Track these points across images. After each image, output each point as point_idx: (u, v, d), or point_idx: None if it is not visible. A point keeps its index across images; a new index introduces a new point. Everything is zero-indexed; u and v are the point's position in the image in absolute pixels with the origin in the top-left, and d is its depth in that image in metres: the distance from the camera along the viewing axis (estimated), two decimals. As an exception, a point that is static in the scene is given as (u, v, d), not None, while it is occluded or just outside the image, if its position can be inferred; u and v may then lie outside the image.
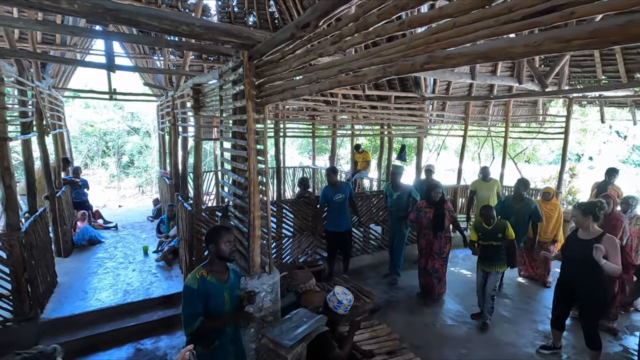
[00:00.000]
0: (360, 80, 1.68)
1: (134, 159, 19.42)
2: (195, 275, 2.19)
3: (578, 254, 3.34)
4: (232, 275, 2.37)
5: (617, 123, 11.98)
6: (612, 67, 6.56)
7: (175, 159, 6.70)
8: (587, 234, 3.35)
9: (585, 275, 3.32)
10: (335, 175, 5.25)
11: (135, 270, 5.44)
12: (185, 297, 2.16)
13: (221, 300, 2.26)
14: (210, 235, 2.28)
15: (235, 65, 2.84)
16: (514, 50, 1.02)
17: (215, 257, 2.26)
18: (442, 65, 1.24)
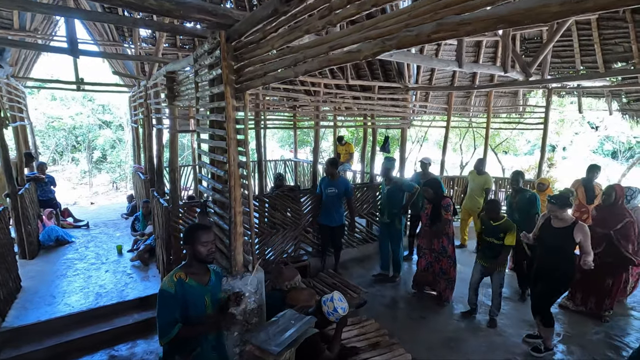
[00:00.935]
0: (354, 57, 1.50)
1: (106, 154, 18.55)
2: (172, 278, 2.00)
3: (552, 241, 3.53)
4: (214, 277, 2.19)
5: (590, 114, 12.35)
6: (591, 58, 6.65)
7: (149, 152, 6.34)
8: (561, 223, 3.49)
9: (555, 260, 3.51)
10: (332, 168, 5.08)
11: (109, 271, 5.12)
12: (160, 302, 1.98)
13: (202, 304, 2.07)
14: (186, 235, 2.12)
15: (212, 47, 2.59)
16: (547, 10, 0.86)
17: (193, 258, 2.09)
18: (454, 33, 1.08)
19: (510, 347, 3.84)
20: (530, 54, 7.05)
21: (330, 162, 5.19)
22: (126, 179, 17.70)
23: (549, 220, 3.61)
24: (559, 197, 3.48)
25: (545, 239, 3.61)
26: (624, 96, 6.91)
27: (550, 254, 3.55)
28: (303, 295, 3.57)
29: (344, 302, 2.61)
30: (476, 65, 4.78)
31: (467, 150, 14.30)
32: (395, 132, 12.51)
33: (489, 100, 7.88)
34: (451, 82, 7.77)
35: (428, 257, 4.77)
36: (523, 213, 4.85)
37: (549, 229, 3.58)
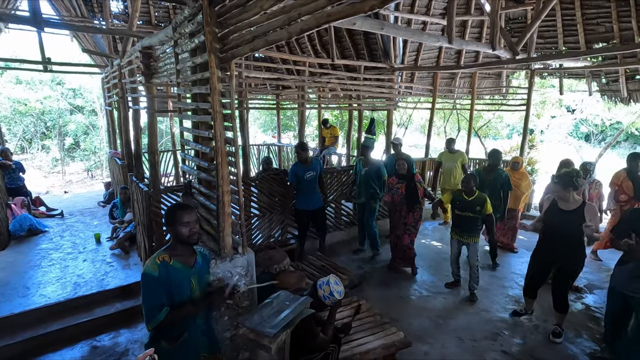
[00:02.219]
0: (359, 9, 1.36)
1: (79, 141, 17.68)
2: (155, 261, 1.89)
3: (560, 225, 3.34)
4: (200, 259, 2.07)
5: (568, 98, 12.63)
6: (573, 38, 6.71)
7: (126, 136, 6.02)
8: (568, 205, 3.32)
9: (566, 245, 3.35)
10: (304, 152, 4.87)
11: (87, 261, 4.88)
12: (144, 286, 1.87)
13: (188, 287, 1.96)
14: (166, 216, 2.01)
15: (193, 12, 2.38)
16: None
17: (175, 240, 1.99)
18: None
19: (497, 323, 3.92)
20: (515, 35, 7.05)
21: (301, 146, 4.95)
22: (102, 167, 17.00)
23: (555, 203, 3.43)
24: (562, 177, 3.30)
25: (554, 222, 3.41)
26: (603, 77, 7.04)
27: (560, 238, 3.37)
28: (293, 278, 3.50)
29: (340, 286, 2.54)
30: (465, 42, 4.71)
31: (451, 133, 14.43)
32: (380, 115, 12.43)
33: (474, 82, 7.89)
34: (437, 62, 7.71)
35: (400, 230, 4.87)
36: (496, 191, 5.04)
37: (556, 212, 3.39)
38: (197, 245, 2.11)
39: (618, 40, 6.16)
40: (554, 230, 3.43)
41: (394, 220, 4.95)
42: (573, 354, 3.45)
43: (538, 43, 7.07)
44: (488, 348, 3.54)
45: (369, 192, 5.26)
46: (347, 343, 2.95)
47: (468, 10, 6.95)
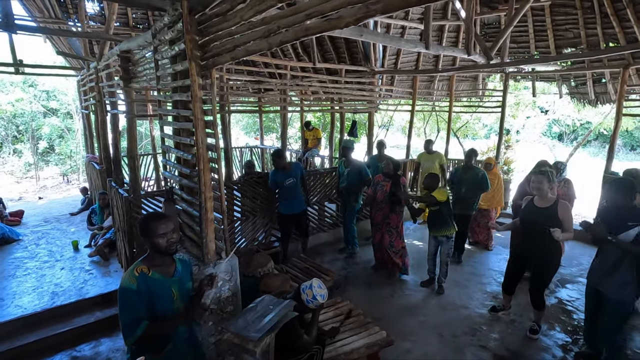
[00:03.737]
0: (334, 25, 1.42)
1: (53, 145, 17.07)
2: (132, 273, 1.83)
3: (536, 222, 3.43)
4: (180, 267, 2.03)
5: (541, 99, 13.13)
6: (544, 43, 7.01)
7: (104, 140, 5.89)
8: (544, 202, 3.43)
9: (541, 241, 3.41)
10: (282, 160, 4.84)
11: (65, 269, 4.76)
12: (122, 300, 1.81)
13: (169, 297, 1.92)
14: (141, 228, 1.93)
15: (172, 19, 2.39)
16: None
17: (153, 251, 1.93)
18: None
19: (475, 318, 4.06)
20: (489, 39, 7.30)
21: (277, 154, 4.91)
22: (78, 171, 16.48)
23: (532, 201, 3.56)
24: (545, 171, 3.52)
25: (529, 219, 3.51)
26: (572, 80, 7.38)
27: (535, 235, 3.43)
28: (277, 281, 3.52)
29: (324, 289, 2.58)
30: (441, 48, 4.87)
31: (431, 134, 14.74)
32: (362, 117, 12.58)
33: (452, 84, 8.10)
34: (416, 66, 7.89)
35: (382, 229, 4.92)
36: (472, 188, 5.19)
37: (532, 210, 3.50)
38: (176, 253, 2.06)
39: (585, 46, 6.48)
40: (530, 227, 3.50)
41: (376, 219, 4.98)
42: (547, 346, 3.62)
43: (512, 47, 7.35)
44: (467, 343, 3.67)
45: (350, 192, 5.36)
46: (332, 344, 3.00)
47: (445, 15, 7.16)
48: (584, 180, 10.36)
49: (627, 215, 2.75)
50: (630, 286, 2.84)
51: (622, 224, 2.75)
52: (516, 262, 3.83)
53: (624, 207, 2.77)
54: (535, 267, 3.60)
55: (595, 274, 3.05)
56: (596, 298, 3.09)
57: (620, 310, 2.93)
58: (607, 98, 6.98)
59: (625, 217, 2.76)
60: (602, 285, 2.98)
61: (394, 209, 4.82)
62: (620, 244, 2.72)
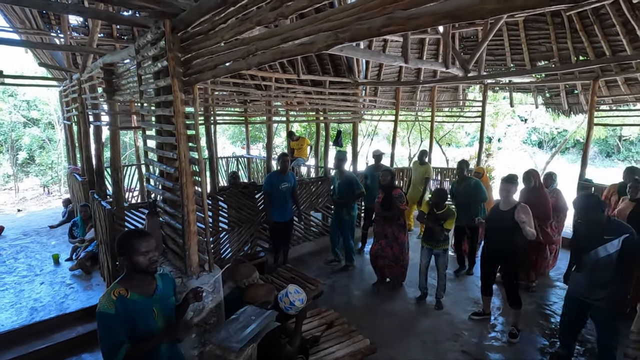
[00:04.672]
0: (307, 50, 1.51)
1: (34, 155, 16.69)
2: (110, 297, 1.74)
3: (499, 223, 3.76)
4: (161, 284, 1.94)
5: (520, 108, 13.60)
6: (519, 57, 7.32)
7: (87, 152, 5.83)
8: (506, 206, 3.75)
9: (504, 241, 3.72)
10: (287, 162, 4.99)
11: (45, 283, 4.66)
12: (101, 326, 1.73)
13: (151, 317, 1.85)
14: (120, 246, 1.82)
15: (155, 37, 2.44)
16: (485, 7, 0.95)
17: (131, 270, 1.83)
18: (403, 27, 1.14)
19: (458, 324, 4.15)
20: (467, 52, 7.57)
21: (285, 155, 5.14)
22: (60, 182, 16.12)
23: (497, 206, 3.88)
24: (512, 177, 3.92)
25: (494, 222, 3.85)
26: (547, 91, 7.70)
27: (499, 237, 3.76)
28: (261, 291, 3.55)
29: (301, 294, 2.61)
30: (420, 62, 5.05)
31: (414, 143, 15.03)
32: (347, 127, 12.76)
33: (433, 95, 8.34)
34: (398, 77, 8.09)
35: (381, 242, 4.90)
36: (468, 198, 5.21)
37: (497, 213, 3.82)
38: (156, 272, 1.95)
39: (557, 59, 6.79)
40: (494, 228, 3.87)
41: (375, 229, 5.01)
42: (525, 349, 3.74)
43: (489, 60, 7.64)
44: (449, 349, 3.75)
45: (342, 205, 5.36)
46: (315, 353, 3.04)
47: (424, 29, 7.39)
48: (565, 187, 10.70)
49: (601, 229, 2.86)
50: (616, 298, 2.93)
51: (598, 238, 2.86)
52: (485, 261, 4.05)
53: (596, 222, 2.87)
54: (504, 266, 3.87)
55: (577, 285, 3.13)
56: (578, 307, 3.16)
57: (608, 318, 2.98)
58: (579, 108, 7.30)
59: (599, 231, 2.86)
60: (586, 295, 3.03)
61: (387, 218, 4.78)
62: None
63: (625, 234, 2.78)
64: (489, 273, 4.05)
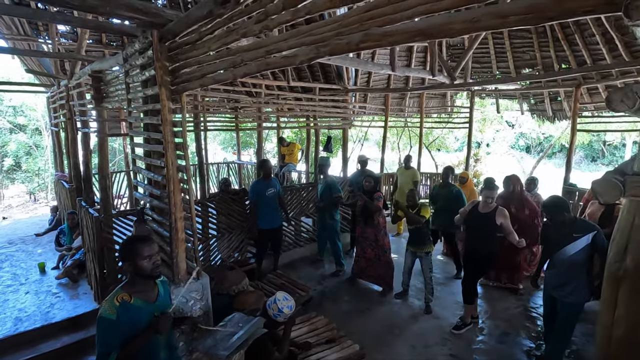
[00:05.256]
0: (290, 62, 1.56)
1: (20, 162, 16.39)
2: (113, 303, 1.76)
3: (478, 225, 3.94)
4: (162, 290, 1.97)
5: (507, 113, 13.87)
6: (505, 64, 7.49)
7: (74, 159, 5.78)
8: (486, 209, 3.91)
9: (483, 243, 3.92)
10: (268, 168, 4.97)
11: (30, 293, 4.57)
12: (100, 331, 1.74)
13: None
14: (124, 251, 1.87)
15: (143, 46, 2.46)
16: (453, 27, 1.01)
17: (135, 275, 1.86)
18: (379, 43, 1.19)
19: (446, 328, 4.20)
20: (455, 59, 7.72)
21: (264, 162, 5.08)
22: (47, 189, 15.86)
23: (476, 207, 4.00)
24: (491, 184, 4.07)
25: (473, 223, 4.01)
26: (531, 98, 7.89)
27: (477, 237, 3.95)
28: (251, 298, 3.55)
29: (290, 301, 2.62)
30: (408, 69, 5.15)
31: (404, 149, 15.18)
32: (337, 132, 12.84)
33: (422, 102, 8.47)
34: (387, 84, 8.21)
35: (363, 244, 5.02)
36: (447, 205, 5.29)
37: (476, 215, 3.97)
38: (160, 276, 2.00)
39: (541, 67, 6.98)
40: (472, 229, 4.04)
41: (357, 233, 5.15)
42: (512, 352, 3.79)
43: (475, 67, 7.81)
44: (438, 353, 3.79)
45: (324, 209, 5.46)
46: (305, 358, 3.05)
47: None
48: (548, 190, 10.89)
49: (570, 228, 3.06)
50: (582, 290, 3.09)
51: (568, 237, 3.05)
52: (467, 259, 4.20)
53: (564, 222, 3.07)
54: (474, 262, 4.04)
55: (550, 283, 3.32)
56: (551, 303, 3.36)
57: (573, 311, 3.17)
58: (563, 115, 7.50)
59: (568, 230, 3.06)
60: (557, 291, 3.21)
61: (366, 222, 4.90)
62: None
63: (592, 231, 2.98)
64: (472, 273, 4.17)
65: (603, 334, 1.09)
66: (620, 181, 0.93)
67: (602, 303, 1.10)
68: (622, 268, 0.98)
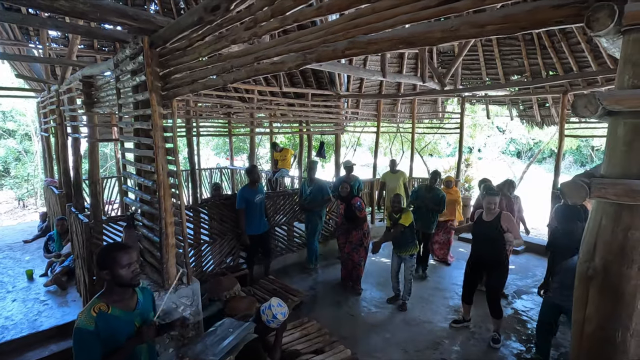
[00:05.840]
0: (279, 68, 1.58)
1: (9, 167, 16.16)
2: (90, 313, 1.71)
3: (484, 234, 3.86)
4: (141, 297, 1.94)
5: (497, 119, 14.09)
6: (494, 71, 7.63)
7: (64, 164, 5.72)
8: (490, 216, 3.85)
9: (490, 251, 3.83)
10: (255, 174, 4.99)
11: (17, 300, 4.49)
12: (77, 342, 1.69)
13: (132, 331, 1.83)
14: (101, 259, 1.79)
15: (134, 52, 2.47)
16: (433, 36, 1.05)
17: (114, 284, 1.80)
18: (364, 50, 1.23)
19: (438, 333, 4.22)
20: (445, 66, 7.85)
21: (251, 169, 5.11)
22: (36, 195, 15.63)
23: (480, 216, 3.97)
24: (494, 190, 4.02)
25: (480, 233, 3.92)
26: (520, 104, 8.03)
27: (485, 247, 3.85)
28: (243, 304, 3.55)
29: (284, 307, 2.63)
30: (399, 76, 5.22)
31: (396, 154, 15.30)
32: (330, 138, 12.91)
33: (413, 107, 8.57)
34: (379, 90, 8.30)
35: (346, 249, 5.12)
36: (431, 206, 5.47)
37: (482, 224, 3.89)
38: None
39: (529, 74, 7.12)
40: (479, 238, 3.95)
41: (339, 239, 5.25)
42: (502, 356, 3.82)
43: (466, 74, 7.94)
44: (430, 357, 3.80)
45: (314, 210, 5.57)
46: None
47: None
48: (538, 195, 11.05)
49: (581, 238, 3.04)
50: None
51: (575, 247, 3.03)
52: (470, 270, 4.14)
53: (575, 231, 3.05)
54: (489, 276, 3.94)
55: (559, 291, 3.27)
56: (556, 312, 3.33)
57: None
58: (551, 120, 7.64)
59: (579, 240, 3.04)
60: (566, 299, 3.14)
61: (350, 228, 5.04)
62: None
63: None
64: (473, 282, 4.15)
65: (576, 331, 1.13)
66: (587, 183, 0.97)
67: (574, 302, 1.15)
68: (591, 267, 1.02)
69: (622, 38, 0.93)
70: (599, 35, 0.92)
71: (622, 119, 0.99)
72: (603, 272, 1.00)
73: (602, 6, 0.86)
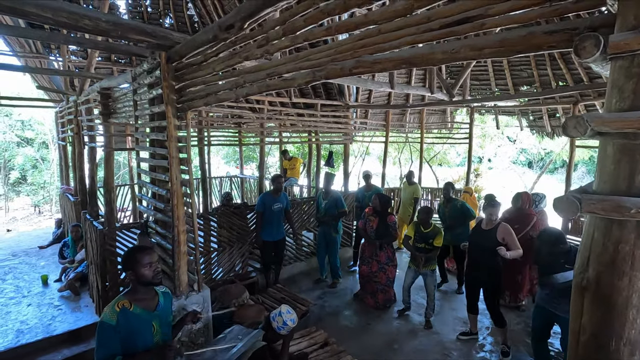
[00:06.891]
0: (289, 85, 1.66)
1: (26, 175, 16.62)
2: (113, 308, 1.83)
3: (482, 242, 3.88)
4: (162, 300, 2.03)
5: (507, 129, 13.99)
6: (503, 81, 7.63)
7: (80, 172, 5.90)
8: (488, 225, 3.89)
9: (485, 260, 3.85)
10: (280, 183, 5.08)
11: (32, 305, 4.60)
12: (99, 335, 1.79)
13: (149, 332, 1.92)
14: (126, 260, 1.96)
15: (151, 67, 2.59)
16: (434, 57, 1.11)
17: (137, 283, 1.93)
18: (370, 69, 1.29)
19: (446, 344, 4.18)
20: (454, 77, 7.88)
21: (277, 177, 5.23)
22: (51, 202, 16.01)
23: (479, 225, 4.00)
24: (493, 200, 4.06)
25: (476, 242, 3.95)
26: (530, 114, 8.00)
27: (482, 255, 3.86)
28: (251, 311, 3.58)
29: (293, 314, 2.66)
30: (407, 87, 5.28)
31: (405, 163, 15.28)
32: (339, 147, 13.00)
33: (422, 117, 8.60)
34: (388, 100, 8.36)
35: (373, 266, 4.93)
36: (454, 220, 5.34)
37: (479, 233, 3.94)
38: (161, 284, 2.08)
39: (539, 84, 7.11)
40: (475, 247, 3.97)
41: (365, 253, 5.02)
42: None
43: (474, 84, 7.96)
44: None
45: (329, 223, 5.49)
46: (303, 373, 3.05)
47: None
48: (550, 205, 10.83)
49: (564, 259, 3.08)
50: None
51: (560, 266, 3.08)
52: (470, 280, 4.14)
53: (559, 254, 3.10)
54: (485, 284, 3.95)
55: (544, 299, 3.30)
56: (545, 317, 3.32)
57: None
58: (561, 131, 7.57)
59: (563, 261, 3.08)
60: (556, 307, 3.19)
61: (382, 246, 4.82)
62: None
63: None
64: (473, 291, 4.13)
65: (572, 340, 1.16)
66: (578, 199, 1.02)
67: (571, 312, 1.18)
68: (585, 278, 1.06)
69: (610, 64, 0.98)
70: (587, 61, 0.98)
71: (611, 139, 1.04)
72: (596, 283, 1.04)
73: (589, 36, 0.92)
